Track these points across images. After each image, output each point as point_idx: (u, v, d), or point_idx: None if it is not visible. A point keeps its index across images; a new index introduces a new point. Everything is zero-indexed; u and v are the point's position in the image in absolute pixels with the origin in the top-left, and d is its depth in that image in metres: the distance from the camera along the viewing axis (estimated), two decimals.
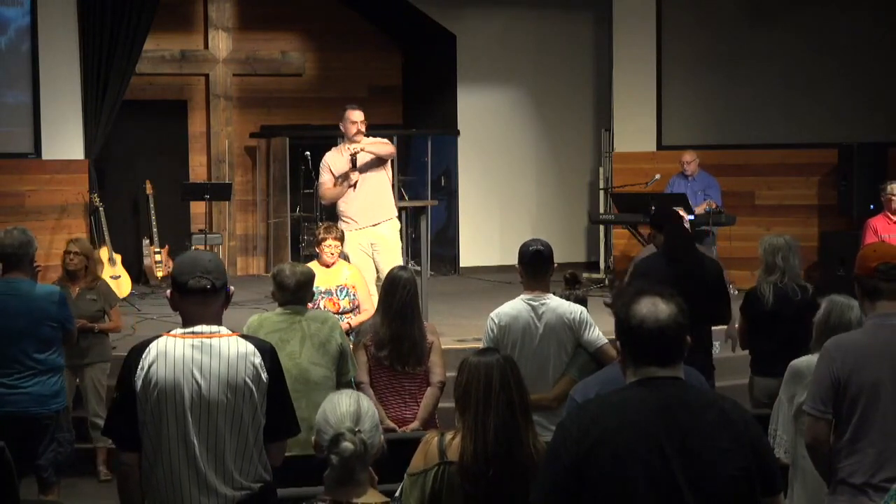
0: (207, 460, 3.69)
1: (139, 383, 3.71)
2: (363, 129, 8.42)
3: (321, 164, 8.54)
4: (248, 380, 3.71)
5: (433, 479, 3.84)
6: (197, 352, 3.72)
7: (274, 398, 3.77)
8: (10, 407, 5.89)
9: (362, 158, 8.35)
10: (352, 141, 8.42)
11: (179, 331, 3.78)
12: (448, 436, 3.92)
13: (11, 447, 5.45)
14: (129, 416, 3.74)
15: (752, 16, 11.86)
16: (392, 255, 8.42)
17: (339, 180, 8.37)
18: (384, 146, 8.53)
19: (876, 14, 11.39)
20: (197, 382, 3.69)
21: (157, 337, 3.82)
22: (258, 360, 3.74)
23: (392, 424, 5.90)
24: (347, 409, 3.09)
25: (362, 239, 8.40)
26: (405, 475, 3.91)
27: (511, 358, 4.08)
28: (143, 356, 3.73)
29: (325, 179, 8.46)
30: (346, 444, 3.03)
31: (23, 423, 5.92)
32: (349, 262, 8.01)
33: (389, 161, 8.62)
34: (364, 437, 3.06)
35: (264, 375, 3.75)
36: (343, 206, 8.43)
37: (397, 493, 3.92)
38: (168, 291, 3.87)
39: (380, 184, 8.51)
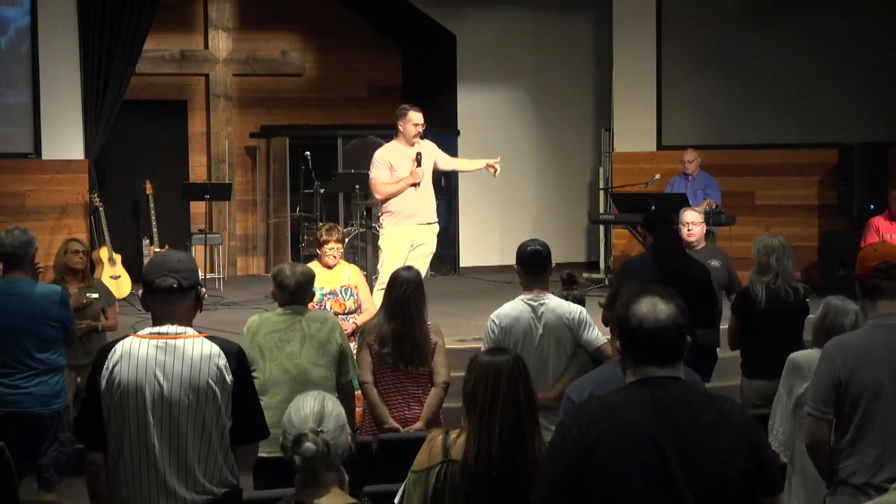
0: (169, 462, 3.68)
1: (104, 383, 3.71)
2: (422, 130, 8.46)
3: (374, 161, 8.51)
4: (211, 381, 3.69)
5: (436, 477, 3.83)
6: (161, 352, 3.70)
7: (239, 400, 3.75)
8: (12, 407, 5.89)
9: (426, 161, 8.40)
10: (411, 142, 8.42)
11: (146, 331, 3.78)
12: (452, 434, 3.90)
13: (13, 447, 5.45)
14: (96, 416, 3.74)
15: (752, 16, 11.85)
16: (426, 258, 8.46)
17: (405, 179, 8.34)
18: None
19: (875, 14, 11.39)
20: (159, 383, 3.68)
21: (124, 337, 3.82)
22: (223, 361, 3.72)
23: (396, 424, 5.90)
24: (311, 410, 3.10)
25: (407, 234, 8.39)
26: (409, 472, 3.90)
27: (520, 358, 4.01)
28: (109, 356, 3.73)
29: (380, 175, 8.42)
30: (308, 445, 3.04)
31: (25, 423, 5.92)
32: (380, 253, 8.22)
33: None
34: (327, 437, 3.06)
35: (229, 377, 3.72)
36: (396, 203, 8.39)
37: (400, 491, 3.92)
38: (140, 291, 3.88)
39: (431, 188, 8.57)
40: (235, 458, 3.81)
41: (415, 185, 8.33)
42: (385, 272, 8.03)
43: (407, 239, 8.39)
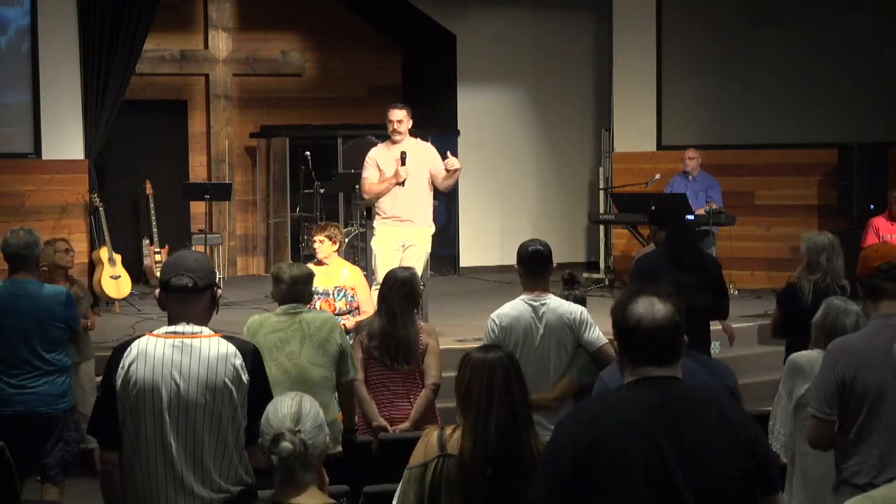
0: (185, 461, 3.69)
1: (119, 382, 3.71)
2: (399, 128, 8.43)
3: (365, 160, 8.57)
4: (227, 381, 3.70)
5: (433, 472, 3.83)
6: (177, 352, 3.71)
7: (255, 400, 3.73)
8: (18, 407, 5.90)
9: (411, 160, 8.38)
10: (393, 140, 8.45)
11: (162, 330, 3.78)
12: (448, 430, 3.92)
13: (19, 447, 5.46)
14: (111, 414, 3.74)
15: (751, 16, 11.85)
16: (421, 259, 8.45)
17: (389, 178, 8.36)
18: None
19: (875, 14, 11.38)
20: (175, 383, 3.68)
21: (140, 336, 3.82)
22: (239, 361, 3.73)
23: (384, 423, 5.91)
24: (288, 409, 3.12)
25: (397, 235, 8.40)
26: (405, 469, 3.91)
27: (513, 355, 4.04)
28: (125, 355, 3.74)
29: (369, 175, 8.48)
30: (285, 445, 3.06)
31: (31, 422, 5.92)
32: (374, 256, 8.23)
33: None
34: (304, 437, 3.08)
35: (245, 377, 3.73)
36: (386, 203, 8.43)
37: (398, 491, 3.92)
38: (157, 291, 3.88)
39: (424, 190, 8.55)
40: (249, 457, 3.81)
41: (400, 183, 8.33)
42: (381, 273, 8.06)
43: (397, 239, 8.40)
